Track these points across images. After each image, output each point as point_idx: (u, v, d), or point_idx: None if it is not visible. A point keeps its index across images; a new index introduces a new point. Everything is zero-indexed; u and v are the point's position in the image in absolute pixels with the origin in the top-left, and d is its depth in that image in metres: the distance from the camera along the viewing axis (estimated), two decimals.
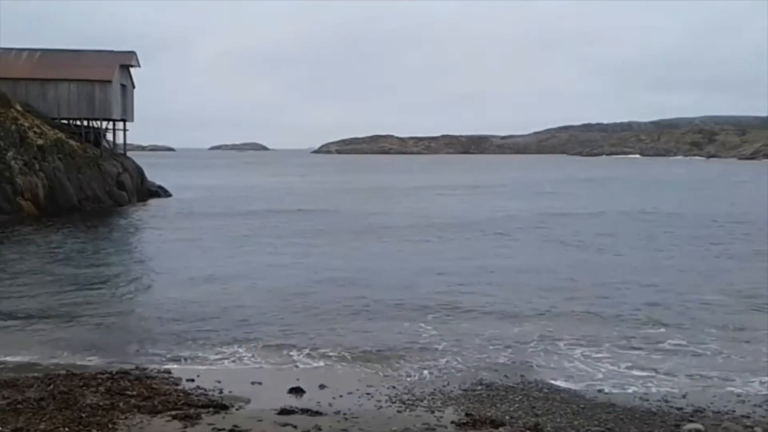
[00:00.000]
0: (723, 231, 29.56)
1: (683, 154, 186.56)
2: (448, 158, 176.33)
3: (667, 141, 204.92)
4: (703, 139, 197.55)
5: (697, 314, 14.93)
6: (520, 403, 9.48)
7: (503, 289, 17.55)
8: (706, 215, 35.59)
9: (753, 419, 8.74)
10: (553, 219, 34.14)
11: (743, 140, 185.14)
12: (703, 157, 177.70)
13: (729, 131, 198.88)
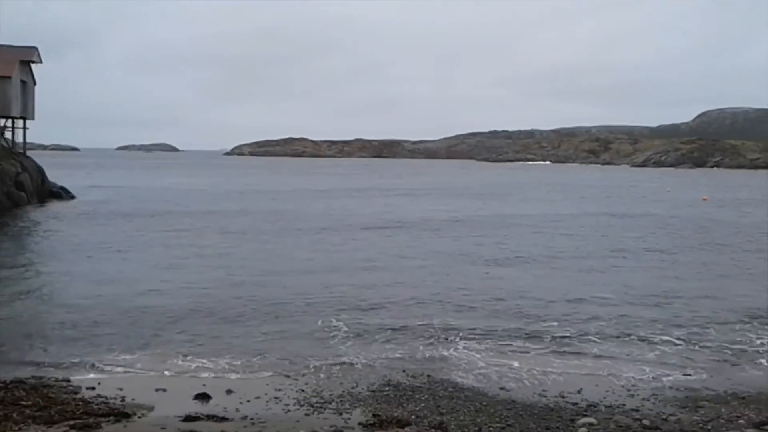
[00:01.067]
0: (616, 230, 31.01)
1: (581, 161, 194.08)
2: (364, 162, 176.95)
3: (567, 148, 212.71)
4: (599, 147, 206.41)
5: (590, 311, 15.62)
6: (426, 402, 9.71)
7: (415, 289, 17.80)
8: (606, 214, 37.25)
9: (641, 412, 9.26)
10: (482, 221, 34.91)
11: (635, 149, 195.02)
12: (599, 164, 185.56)
13: (623, 140, 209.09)
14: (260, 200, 47.87)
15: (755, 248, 27.16)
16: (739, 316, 15.44)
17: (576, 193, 62.06)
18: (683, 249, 26.65)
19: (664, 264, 22.92)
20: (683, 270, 21.71)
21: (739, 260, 23.95)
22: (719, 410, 9.32)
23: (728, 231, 33.15)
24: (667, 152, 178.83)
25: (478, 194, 58.67)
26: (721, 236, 31.02)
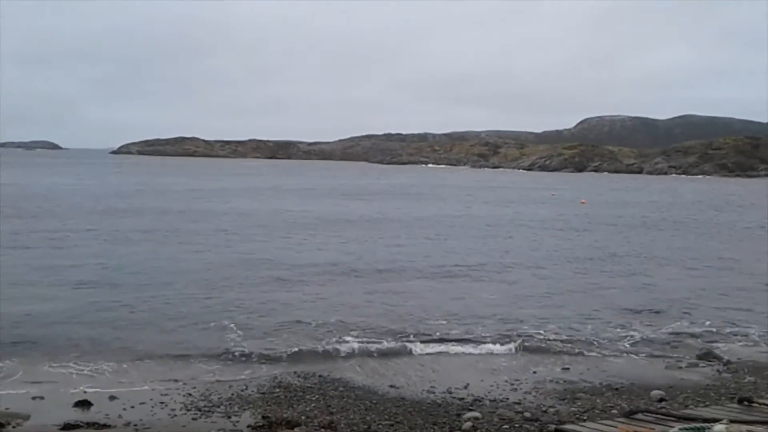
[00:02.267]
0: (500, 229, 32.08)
1: (471, 165, 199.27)
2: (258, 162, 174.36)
3: (458, 152, 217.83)
4: (488, 151, 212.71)
5: (477, 310, 16.09)
6: (317, 402, 9.73)
7: (306, 289, 17.75)
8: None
9: (523, 405, 9.64)
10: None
11: (522, 153, 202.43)
12: (489, 167, 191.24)
13: (510, 145, 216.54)
14: (151, 200, 46.34)
15: (631, 250, 28.73)
16: (613, 312, 16.31)
17: (469, 195, 63.64)
18: (565, 249, 27.85)
19: (547, 264, 23.87)
20: (563, 269, 22.69)
21: (615, 259, 25.27)
22: (594, 401, 9.83)
23: (605, 232, 34.93)
24: (552, 157, 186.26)
25: (390, 195, 59.15)
26: (599, 237, 32.64)
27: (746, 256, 26.91)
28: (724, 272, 22.99)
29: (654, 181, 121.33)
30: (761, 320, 15.77)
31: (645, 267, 23.47)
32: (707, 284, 20.45)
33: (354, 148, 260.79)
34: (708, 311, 16.62)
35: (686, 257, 26.46)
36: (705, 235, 34.92)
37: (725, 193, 79.01)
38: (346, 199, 53.74)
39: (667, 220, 43.78)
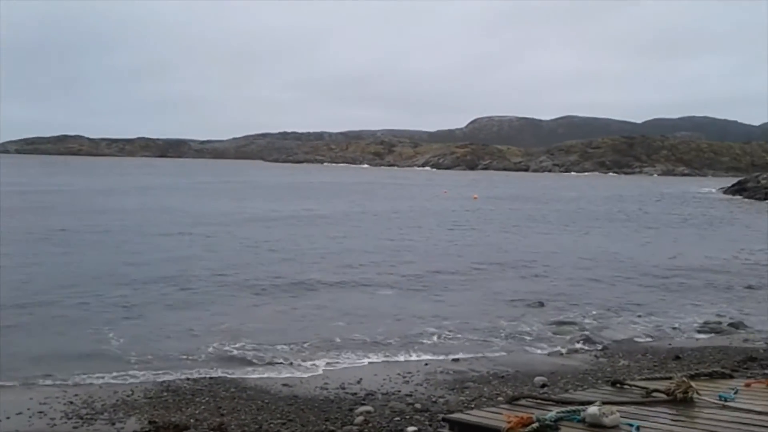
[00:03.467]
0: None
1: (368, 163, 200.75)
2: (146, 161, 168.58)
3: (354, 150, 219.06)
4: (384, 150, 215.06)
5: (367, 305, 16.24)
6: (207, 404, 9.54)
7: (194, 289, 17.35)
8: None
9: (414, 397, 9.82)
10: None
11: (416, 152, 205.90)
12: (385, 165, 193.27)
13: (405, 143, 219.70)
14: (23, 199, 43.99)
15: (520, 243, 29.78)
16: (502, 303, 16.89)
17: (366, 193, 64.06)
18: (458, 245, 28.55)
19: (439, 258, 24.39)
20: (455, 264, 23.25)
21: (504, 252, 26.12)
22: (482, 389, 10.14)
23: (497, 227, 36.06)
24: (444, 155, 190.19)
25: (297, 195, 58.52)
26: (490, 232, 33.67)
27: (627, 247, 28.43)
28: (605, 263, 24.19)
29: (540, 177, 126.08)
30: (636, 308, 16.73)
31: (533, 259, 24.38)
32: (589, 274, 21.47)
33: (249, 147, 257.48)
34: (590, 300, 17.45)
35: (572, 249, 27.67)
36: (589, 227, 36.66)
37: (607, 187, 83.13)
38: (267, 198, 52.92)
39: (554, 213, 45.67)
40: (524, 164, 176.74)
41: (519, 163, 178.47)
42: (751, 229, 38.76)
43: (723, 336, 14.16)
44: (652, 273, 22.09)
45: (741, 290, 19.43)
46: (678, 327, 14.98)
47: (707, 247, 29.35)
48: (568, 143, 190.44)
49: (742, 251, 28.13)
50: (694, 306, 17.23)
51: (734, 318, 15.65)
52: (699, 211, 53.41)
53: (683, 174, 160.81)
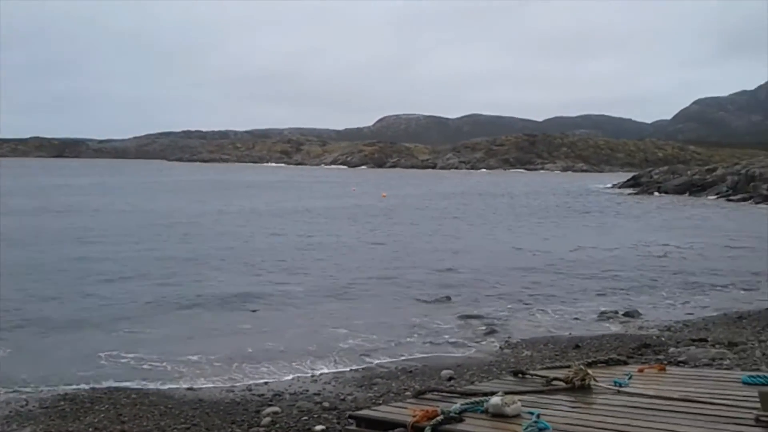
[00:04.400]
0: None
1: (275, 162, 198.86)
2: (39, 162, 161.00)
3: (261, 149, 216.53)
4: (291, 149, 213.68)
5: (274, 303, 16.08)
6: (107, 412, 9.19)
7: (88, 290, 16.70)
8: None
9: (323, 395, 9.78)
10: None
11: (324, 150, 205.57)
12: (292, 164, 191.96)
13: (313, 142, 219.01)
14: None
15: (428, 239, 30.18)
16: (409, 300, 17.06)
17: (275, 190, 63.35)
18: (366, 243, 28.66)
19: (348, 255, 24.42)
20: (365, 261, 23.33)
21: (412, 249, 26.41)
22: (390, 385, 10.20)
23: (405, 224, 36.43)
24: (353, 153, 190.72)
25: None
26: (398, 229, 33.99)
27: (530, 241, 29.27)
28: (509, 257, 24.83)
29: (447, 174, 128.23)
30: (540, 300, 17.25)
31: (440, 256, 24.74)
32: (495, 268, 21.95)
33: (150, 146, 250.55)
34: (495, 294, 17.86)
35: (478, 244, 28.28)
36: (494, 223, 37.53)
37: (511, 183, 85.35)
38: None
39: (461, 209, 46.53)
40: (431, 162, 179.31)
41: (426, 161, 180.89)
42: (644, 222, 40.70)
43: (619, 325, 14.76)
44: (554, 265, 22.83)
45: (636, 280, 20.33)
46: (578, 317, 15.52)
47: (605, 240, 30.58)
48: (473, 141, 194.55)
49: (636, 243, 29.47)
50: (593, 297, 17.91)
51: (630, 307, 16.33)
52: (597, 205, 55.63)
53: (582, 170, 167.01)
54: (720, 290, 18.94)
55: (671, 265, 23.39)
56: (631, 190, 76.16)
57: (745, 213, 48.18)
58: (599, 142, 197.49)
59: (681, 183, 70.54)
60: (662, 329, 14.07)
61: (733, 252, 27.11)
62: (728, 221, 41.57)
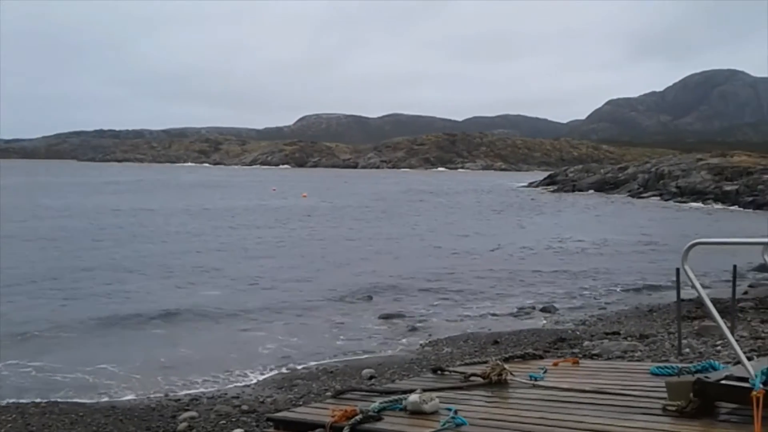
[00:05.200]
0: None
1: (192, 161, 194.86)
2: None
3: (178, 149, 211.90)
4: (209, 148, 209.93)
5: (192, 304, 15.73)
6: (14, 422, 8.76)
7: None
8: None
9: (242, 399, 9.60)
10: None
11: (244, 149, 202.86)
12: (210, 164, 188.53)
13: (232, 141, 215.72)
14: None
15: (342, 239, 30.15)
16: (326, 299, 16.99)
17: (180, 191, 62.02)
18: (286, 242, 28.42)
19: (269, 255, 24.13)
20: (285, 260, 23.12)
21: (331, 248, 26.33)
22: (311, 386, 10.12)
23: (326, 224, 36.30)
24: (273, 153, 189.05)
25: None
26: (318, 229, 33.85)
27: (450, 239, 29.64)
28: (430, 255, 25.07)
29: (368, 174, 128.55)
30: (460, 297, 17.48)
31: (362, 255, 24.75)
32: (415, 266, 22.12)
33: (61, 146, 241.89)
34: (416, 292, 18.00)
35: (399, 243, 28.44)
36: (416, 222, 37.83)
37: (432, 182, 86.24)
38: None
39: (382, 209, 46.71)
40: (353, 161, 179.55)
41: (348, 160, 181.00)
42: (561, 219, 41.88)
43: (537, 320, 15.12)
44: (474, 263, 23.20)
45: (553, 276, 20.86)
46: (497, 313, 15.80)
47: (523, 237, 31.29)
48: (394, 140, 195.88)
49: (553, 240, 30.27)
50: (512, 293, 18.26)
51: (547, 303, 16.74)
52: (516, 203, 56.92)
53: (501, 169, 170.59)
54: (632, 284, 19.64)
55: (586, 261, 24.13)
56: (547, 188, 78.28)
57: (656, 210, 50.23)
58: (517, 141, 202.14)
59: (595, 181, 72.92)
60: (577, 323, 14.48)
61: (644, 247, 28.19)
62: (640, 218, 43.23)
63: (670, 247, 26.99)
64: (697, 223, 39.04)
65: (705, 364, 6.13)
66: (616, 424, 5.04)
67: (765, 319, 13.17)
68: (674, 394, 5.18)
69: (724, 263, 18.27)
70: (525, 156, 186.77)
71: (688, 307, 13.74)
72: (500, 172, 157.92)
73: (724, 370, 5.45)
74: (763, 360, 5.68)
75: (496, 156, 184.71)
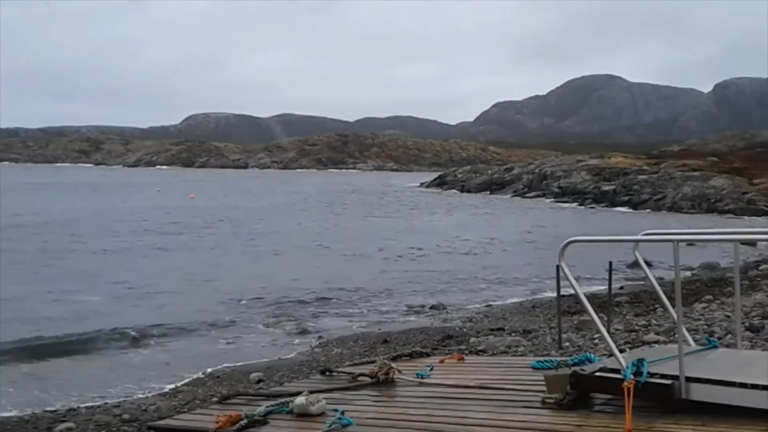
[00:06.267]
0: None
1: (71, 161, 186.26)
2: None
3: (56, 148, 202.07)
4: (90, 147, 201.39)
5: (74, 313, 15.00)
6: None
7: None
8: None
9: (122, 407, 9.21)
10: None
11: (127, 149, 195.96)
12: (91, 164, 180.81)
13: (114, 140, 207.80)
14: None
15: (243, 240, 29.60)
16: (218, 302, 16.62)
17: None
18: (171, 244, 27.60)
19: (152, 257, 23.34)
20: (169, 262, 22.44)
21: (222, 250, 25.78)
22: (196, 392, 9.84)
23: (214, 226, 35.56)
24: (158, 153, 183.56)
25: None
26: (205, 231, 33.08)
27: (342, 240, 29.63)
28: (321, 254, 24.99)
29: (259, 174, 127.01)
30: (349, 297, 17.50)
31: (249, 256, 24.37)
32: (307, 268, 21.99)
33: None
34: (304, 293, 17.83)
35: (290, 243, 28.19)
36: (306, 221, 37.62)
37: (323, 183, 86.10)
38: None
39: (275, 209, 46.16)
40: (243, 161, 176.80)
41: (238, 161, 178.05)
42: (449, 219, 42.76)
43: (426, 318, 15.34)
44: (365, 264, 23.31)
45: (442, 275, 21.25)
46: (387, 312, 15.93)
47: (414, 237, 31.70)
48: (286, 141, 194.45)
49: (442, 239, 30.86)
50: (401, 293, 18.43)
51: (437, 301, 17.02)
52: (407, 203, 57.66)
53: (392, 169, 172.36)
54: (517, 282, 20.30)
55: (473, 260, 24.75)
56: (437, 188, 79.80)
57: (539, 209, 52.18)
58: (408, 142, 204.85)
59: (483, 181, 74.94)
60: (465, 320, 14.79)
61: (528, 245, 29.23)
62: (524, 217, 44.78)
63: (551, 245, 28.11)
64: (577, 222, 40.88)
65: (581, 357, 6.38)
66: (498, 418, 5.17)
67: (639, 313, 13.90)
68: (552, 386, 5.36)
69: (604, 260, 19.15)
70: (416, 157, 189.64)
71: (569, 302, 14.31)
72: (392, 173, 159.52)
73: (599, 363, 5.68)
74: (635, 352, 5.98)
75: (387, 157, 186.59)
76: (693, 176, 54.03)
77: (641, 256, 5.97)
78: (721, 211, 45.58)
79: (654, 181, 54.87)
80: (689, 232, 7.01)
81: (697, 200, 48.46)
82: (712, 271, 20.42)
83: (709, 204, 47.51)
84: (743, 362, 5.36)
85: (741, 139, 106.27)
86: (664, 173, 56.78)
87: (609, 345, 5.29)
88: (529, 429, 4.86)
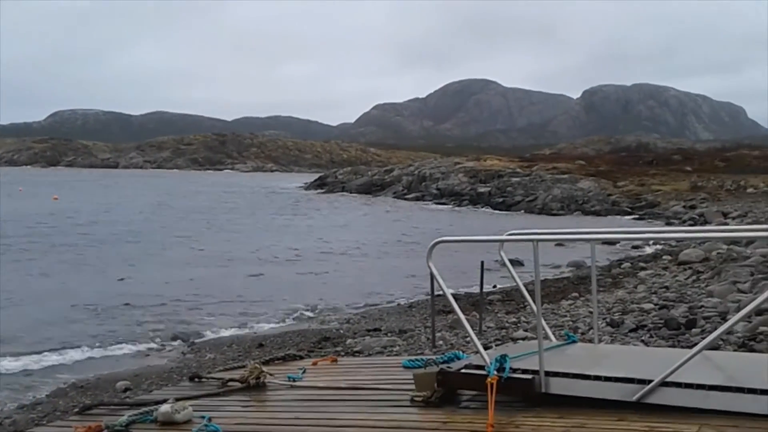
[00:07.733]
0: None
1: None
2: None
3: None
4: None
5: None
6: None
7: None
8: None
9: None
10: None
11: None
12: None
13: None
14: None
15: (105, 246, 28.32)
16: (84, 307, 15.83)
17: None
18: (32, 252, 26.10)
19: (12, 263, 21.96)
20: (29, 267, 21.20)
21: (83, 255, 24.59)
22: (57, 403, 9.33)
23: (78, 230, 33.90)
24: (20, 151, 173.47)
25: None
26: (70, 233, 31.50)
27: (215, 242, 28.95)
28: (193, 258, 24.32)
29: (130, 174, 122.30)
30: (223, 301, 17.13)
31: (114, 262, 23.32)
32: (174, 271, 21.31)
33: None
34: (176, 298, 17.28)
35: (157, 248, 27.26)
36: (177, 224, 36.50)
37: (200, 183, 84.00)
38: None
39: (144, 211, 44.51)
40: (113, 161, 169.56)
41: (107, 160, 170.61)
42: (328, 221, 42.74)
43: (302, 321, 15.25)
44: (242, 267, 22.84)
45: (318, 277, 21.18)
46: (263, 316, 15.68)
47: (291, 239, 31.46)
48: (159, 139, 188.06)
49: (320, 241, 30.83)
50: (277, 296, 18.16)
51: (312, 304, 16.93)
52: (286, 205, 57.13)
53: (272, 170, 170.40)
54: (394, 282, 20.51)
55: (350, 261, 24.84)
56: (318, 189, 79.55)
57: (417, 210, 53.06)
58: (288, 143, 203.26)
59: (363, 183, 75.38)
60: (342, 322, 14.82)
61: (405, 246, 29.63)
62: (402, 219, 45.39)
63: (427, 246, 28.71)
64: (453, 223, 41.88)
65: (450, 355, 6.51)
66: (368, 418, 5.18)
67: (510, 311, 14.39)
68: (421, 385, 5.44)
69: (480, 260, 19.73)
70: (296, 158, 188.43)
71: (445, 301, 14.57)
72: (271, 174, 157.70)
73: (465, 360, 5.82)
74: (499, 348, 6.17)
75: (267, 157, 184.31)
76: (562, 179, 56.66)
77: (506, 256, 6.14)
78: (588, 212, 47.99)
79: (526, 184, 57.06)
80: (550, 233, 7.30)
81: (566, 202, 50.77)
82: (578, 270, 21.23)
83: (577, 205, 49.90)
84: (599, 356, 5.64)
85: (607, 143, 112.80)
86: (535, 176, 59.21)
87: (473, 341, 5.44)
88: (398, 428, 4.90)
